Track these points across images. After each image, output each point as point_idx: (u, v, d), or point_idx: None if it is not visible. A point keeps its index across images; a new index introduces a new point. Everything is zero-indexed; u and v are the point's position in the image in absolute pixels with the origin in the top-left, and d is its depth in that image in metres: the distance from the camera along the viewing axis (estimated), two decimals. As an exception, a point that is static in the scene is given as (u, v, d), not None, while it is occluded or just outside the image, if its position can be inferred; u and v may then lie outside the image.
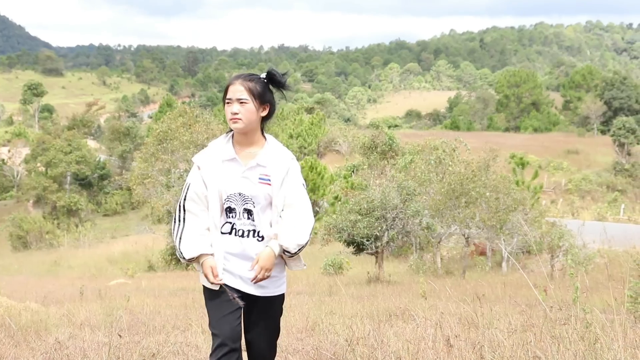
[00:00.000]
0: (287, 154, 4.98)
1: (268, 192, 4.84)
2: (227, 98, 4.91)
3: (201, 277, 4.87)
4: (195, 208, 4.86)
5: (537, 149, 70.19)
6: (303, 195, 4.94)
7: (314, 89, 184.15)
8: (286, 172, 4.90)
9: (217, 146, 5.00)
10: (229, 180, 4.85)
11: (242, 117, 4.83)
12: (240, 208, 4.85)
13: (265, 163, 4.87)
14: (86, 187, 66.39)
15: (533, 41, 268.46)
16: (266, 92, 4.91)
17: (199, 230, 4.86)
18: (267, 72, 4.97)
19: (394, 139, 39.95)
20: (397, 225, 21.03)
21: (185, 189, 4.93)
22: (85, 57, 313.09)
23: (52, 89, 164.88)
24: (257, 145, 4.96)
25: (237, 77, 4.98)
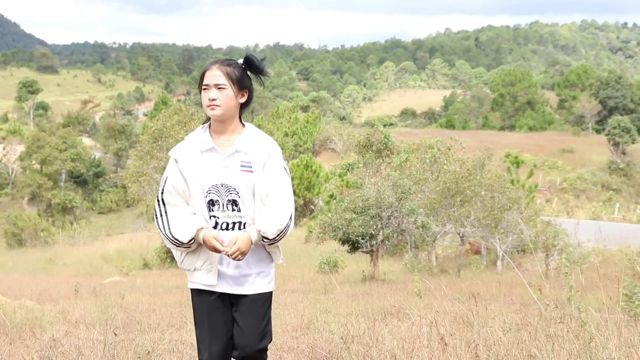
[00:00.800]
0: (267, 139, 4.78)
1: (251, 179, 4.63)
2: (204, 84, 4.69)
3: (190, 280, 4.71)
4: (175, 200, 4.64)
5: (532, 148, 70.25)
6: (284, 180, 4.70)
7: (310, 87, 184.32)
8: (267, 157, 4.68)
9: (194, 137, 4.77)
10: (209, 171, 4.63)
11: (220, 104, 4.63)
12: (224, 199, 4.62)
13: (245, 149, 4.66)
14: (81, 185, 66.34)
15: (528, 40, 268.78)
16: (244, 78, 4.74)
17: (185, 213, 4.63)
18: (245, 57, 4.79)
19: (389, 138, 40.00)
20: (392, 223, 21.05)
21: (163, 182, 4.71)
22: (80, 55, 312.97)
23: (47, 86, 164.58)
24: (236, 133, 4.75)
25: (214, 62, 4.79)
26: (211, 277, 4.64)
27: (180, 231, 4.57)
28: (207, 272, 4.65)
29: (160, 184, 4.71)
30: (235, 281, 4.64)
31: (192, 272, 4.70)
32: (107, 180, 67.75)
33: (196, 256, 4.67)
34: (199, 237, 4.56)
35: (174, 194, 4.62)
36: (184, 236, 4.55)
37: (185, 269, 4.73)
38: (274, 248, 4.73)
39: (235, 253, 4.46)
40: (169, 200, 4.63)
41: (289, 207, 4.68)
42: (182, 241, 4.56)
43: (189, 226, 4.56)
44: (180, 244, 4.59)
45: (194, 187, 4.59)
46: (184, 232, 4.55)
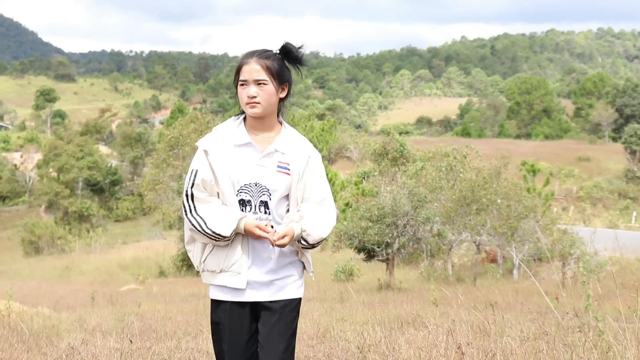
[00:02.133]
0: (306, 142, 4.46)
1: (287, 182, 4.30)
2: (242, 79, 4.31)
3: (212, 284, 4.30)
4: (205, 196, 4.26)
5: (549, 156, 70.04)
6: (325, 189, 4.42)
7: (325, 95, 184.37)
8: (306, 162, 4.37)
9: (227, 129, 4.39)
10: (243, 168, 4.26)
11: (260, 101, 4.27)
12: (257, 200, 4.27)
13: (283, 149, 4.33)
14: (98, 193, 66.56)
15: (544, 48, 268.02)
16: (284, 70, 4.36)
17: (218, 206, 4.25)
18: (282, 47, 4.39)
19: (404, 146, 39.95)
20: (408, 232, 21.02)
21: (191, 176, 4.30)
22: (97, 63, 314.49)
23: (64, 94, 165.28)
24: (274, 131, 4.41)
25: (250, 54, 4.36)
26: (239, 280, 4.26)
27: (220, 225, 4.19)
28: (234, 275, 4.27)
29: (188, 177, 4.33)
30: (263, 286, 4.29)
31: (216, 273, 4.30)
32: (123, 188, 67.97)
33: (224, 255, 4.29)
34: (240, 227, 4.21)
35: (202, 188, 4.25)
36: (226, 229, 4.18)
37: (208, 270, 4.33)
38: (306, 255, 4.44)
39: (281, 241, 4.15)
40: (199, 196, 4.25)
41: (333, 220, 4.43)
42: (225, 235, 4.18)
43: (229, 218, 4.20)
44: (222, 238, 4.20)
45: (225, 184, 4.25)
46: (225, 225, 4.19)
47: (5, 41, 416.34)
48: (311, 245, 4.34)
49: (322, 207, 4.38)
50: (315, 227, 4.30)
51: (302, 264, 4.44)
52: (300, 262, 4.42)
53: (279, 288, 4.31)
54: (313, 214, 4.34)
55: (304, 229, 4.26)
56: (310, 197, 4.38)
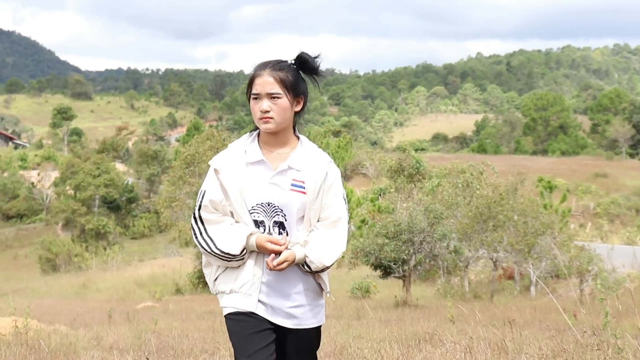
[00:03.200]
0: (324, 157, 4.18)
1: (302, 201, 4.05)
2: (254, 93, 4.10)
3: (223, 305, 4.11)
4: (214, 217, 4.07)
5: (565, 173, 69.80)
6: (341, 210, 4.12)
7: (341, 112, 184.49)
8: (323, 179, 4.08)
9: (239, 147, 4.17)
10: (255, 187, 4.04)
11: (274, 116, 4.05)
12: (270, 221, 4.04)
13: (298, 166, 4.08)
14: (114, 210, 66.72)
15: (560, 64, 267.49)
16: (300, 82, 4.12)
17: (228, 224, 4.06)
18: (298, 56, 4.16)
19: (421, 162, 39.90)
20: (425, 248, 20.98)
21: (200, 197, 4.12)
22: (113, 81, 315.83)
23: (81, 112, 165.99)
24: (289, 146, 4.16)
25: (263, 65, 4.13)
26: (249, 302, 4.04)
27: (229, 243, 4.00)
28: (245, 296, 4.05)
29: (197, 198, 4.16)
30: (281, 315, 4.08)
31: (226, 294, 4.10)
32: (139, 206, 68.08)
33: (234, 276, 4.08)
34: (251, 244, 4.00)
35: (211, 209, 4.07)
36: (235, 247, 3.98)
37: (219, 292, 4.15)
38: (322, 276, 4.19)
39: (282, 264, 3.93)
40: (207, 217, 4.07)
41: (341, 246, 4.13)
42: (234, 253, 3.99)
43: (237, 235, 4.00)
44: (233, 257, 4.01)
45: (238, 203, 4.03)
46: (234, 243, 3.99)
47: (22, 60, 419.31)
48: (314, 272, 4.10)
49: (334, 230, 4.11)
50: (319, 254, 4.05)
51: (320, 287, 4.21)
52: (317, 288, 4.20)
53: (296, 317, 4.11)
54: (320, 239, 4.08)
55: (307, 255, 4.03)
56: (325, 218, 4.12)
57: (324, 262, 4.05)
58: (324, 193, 4.10)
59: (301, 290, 4.13)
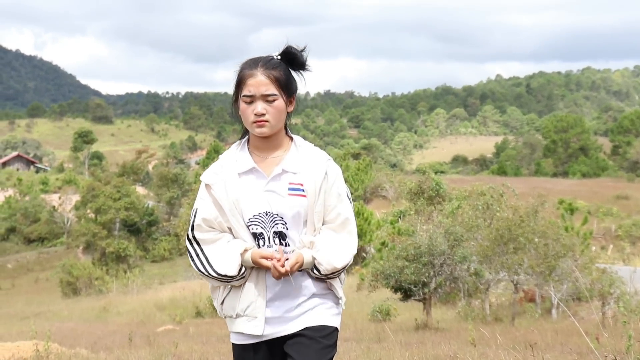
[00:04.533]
0: (321, 155, 3.89)
1: (302, 205, 3.77)
2: (247, 95, 3.78)
3: (231, 330, 3.92)
4: (209, 236, 3.81)
5: (586, 195, 69.48)
6: (347, 211, 3.86)
7: (360, 134, 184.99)
8: (323, 178, 3.79)
9: (230, 157, 3.91)
10: (250, 197, 3.76)
11: (269, 119, 3.76)
12: (269, 232, 3.77)
13: (294, 168, 3.81)
14: (135, 234, 66.90)
15: (580, 86, 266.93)
16: (292, 80, 3.86)
17: (224, 243, 3.79)
18: (285, 52, 3.85)
19: (440, 185, 39.82)
20: (445, 271, 20.91)
21: (192, 216, 3.86)
22: (134, 105, 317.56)
23: (101, 136, 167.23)
24: (282, 149, 3.88)
25: (253, 63, 3.81)
26: (255, 326, 3.80)
27: (224, 264, 3.74)
28: (250, 320, 3.80)
29: (190, 218, 3.88)
30: (287, 321, 3.82)
31: (233, 319, 3.88)
32: (160, 229, 68.26)
33: (238, 297, 3.83)
34: (246, 260, 3.74)
35: (206, 229, 3.80)
36: (231, 268, 3.73)
37: (226, 316, 3.95)
38: (334, 283, 3.90)
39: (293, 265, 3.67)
40: (201, 237, 3.81)
41: (353, 246, 3.85)
42: (232, 274, 3.73)
43: (232, 254, 3.74)
44: (232, 278, 3.76)
45: (233, 217, 3.77)
46: (229, 264, 3.74)
47: (44, 84, 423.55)
48: (323, 276, 3.80)
49: (342, 231, 3.83)
50: (328, 255, 3.75)
51: (333, 293, 3.91)
52: (329, 292, 3.91)
53: (306, 316, 3.82)
54: (328, 240, 3.80)
55: (315, 257, 3.75)
56: (331, 220, 3.83)
57: (333, 263, 3.76)
58: (325, 193, 3.81)
59: (311, 296, 3.85)
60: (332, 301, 3.89)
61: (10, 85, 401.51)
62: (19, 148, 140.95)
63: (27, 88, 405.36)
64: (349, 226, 3.85)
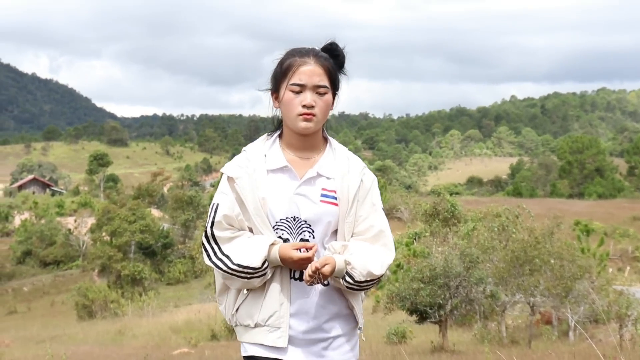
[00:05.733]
0: (357, 162, 3.58)
1: (334, 214, 3.47)
2: (297, 83, 3.46)
3: (245, 341, 3.53)
4: (229, 233, 3.46)
5: (602, 216, 69.20)
6: (381, 222, 3.54)
7: (375, 156, 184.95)
8: (358, 187, 3.49)
9: (258, 151, 3.58)
10: (278, 198, 3.44)
11: (317, 113, 3.44)
12: (296, 239, 3.45)
13: (329, 173, 3.50)
14: (150, 256, 66.96)
15: (595, 107, 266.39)
16: (338, 76, 3.57)
17: (246, 237, 3.46)
18: (330, 48, 3.57)
19: (456, 206, 39.78)
20: (461, 293, 20.84)
21: (212, 212, 3.51)
22: (149, 127, 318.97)
23: (117, 158, 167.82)
24: (317, 150, 3.58)
25: (305, 52, 3.51)
26: (278, 337, 3.44)
27: (247, 255, 3.38)
28: (272, 330, 3.45)
29: (209, 213, 3.54)
30: (310, 347, 3.47)
31: (250, 328, 3.50)
32: (175, 251, 68.33)
33: (259, 304, 3.47)
34: (273, 255, 3.39)
35: (226, 226, 3.47)
36: (256, 259, 3.36)
37: (241, 325, 3.55)
38: (355, 300, 3.56)
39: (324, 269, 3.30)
40: (220, 235, 3.47)
41: (390, 256, 3.54)
42: (255, 266, 3.36)
43: (258, 245, 3.39)
44: (253, 271, 3.38)
45: (258, 218, 3.44)
46: (254, 255, 3.37)
47: (60, 107, 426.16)
48: (358, 284, 3.43)
49: (376, 243, 3.52)
50: (363, 260, 3.42)
51: (353, 316, 3.59)
52: (351, 315, 3.58)
53: (330, 349, 3.51)
54: (362, 246, 3.48)
55: (348, 261, 3.40)
56: (362, 232, 3.52)
57: (369, 268, 3.42)
58: (358, 203, 3.51)
59: (334, 317, 3.54)
60: (353, 326, 3.60)
61: (26, 109, 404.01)
62: (35, 171, 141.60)
63: (43, 111, 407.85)
64: (384, 239, 3.55)
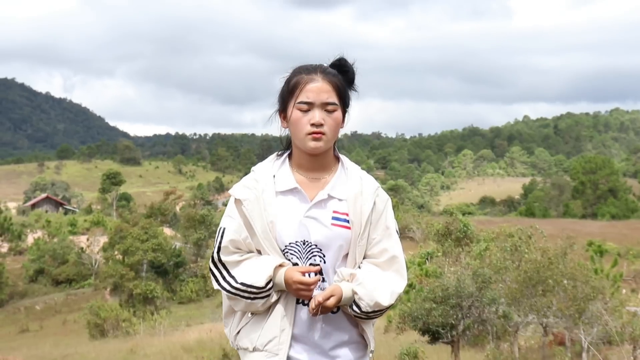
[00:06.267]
0: (371, 182, 3.44)
1: (346, 238, 3.30)
2: (304, 102, 3.31)
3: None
4: (237, 257, 3.33)
5: (616, 237, 68.94)
6: (395, 247, 3.36)
7: (387, 175, 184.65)
8: (371, 209, 3.33)
9: (266, 171, 3.45)
10: (287, 222, 3.30)
11: (327, 131, 3.28)
12: (305, 264, 3.30)
13: (341, 194, 3.35)
14: (162, 275, 66.98)
15: (609, 127, 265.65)
16: (348, 93, 3.41)
17: (254, 258, 3.33)
18: (339, 64, 3.42)
19: (468, 226, 39.67)
20: (473, 313, 20.77)
21: (219, 236, 3.38)
22: (162, 146, 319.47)
23: (129, 177, 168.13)
24: (328, 170, 3.41)
25: (312, 68, 3.35)
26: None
27: (252, 275, 3.25)
28: (270, 356, 3.29)
29: (216, 237, 3.41)
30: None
31: (249, 352, 3.37)
32: (187, 270, 68.31)
33: (259, 328, 3.33)
34: (279, 277, 3.25)
35: (233, 250, 3.34)
36: (260, 278, 3.23)
37: (241, 348, 3.42)
38: (367, 329, 3.42)
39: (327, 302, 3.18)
40: (228, 260, 3.33)
41: (401, 285, 3.37)
42: (259, 285, 3.23)
43: (264, 265, 3.26)
44: (258, 291, 3.25)
45: (267, 241, 3.29)
46: (259, 274, 3.24)
47: (73, 127, 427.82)
48: (365, 314, 3.30)
49: (388, 270, 3.36)
50: (371, 290, 3.27)
51: (364, 341, 3.45)
52: (361, 342, 3.44)
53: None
54: (372, 273, 3.32)
55: (355, 291, 3.27)
56: (374, 255, 3.37)
57: (377, 298, 3.27)
58: (371, 226, 3.35)
59: (342, 344, 3.37)
60: (363, 352, 3.44)
61: (40, 128, 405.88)
62: (48, 190, 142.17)
63: (57, 130, 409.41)
64: (396, 265, 3.37)
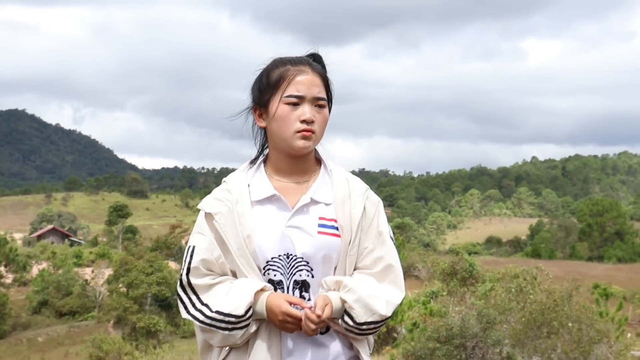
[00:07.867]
0: (359, 184, 3.04)
1: (335, 247, 2.90)
2: (294, 95, 2.89)
3: None
4: (208, 280, 2.87)
5: (622, 280, 68.67)
6: (390, 255, 2.97)
7: (394, 213, 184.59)
8: (362, 214, 2.94)
9: (240, 180, 3.02)
10: (267, 234, 2.87)
11: (316, 129, 2.93)
12: (289, 280, 2.89)
13: (326, 198, 2.95)
14: (165, 309, 66.81)
15: (617, 170, 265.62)
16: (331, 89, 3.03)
17: (229, 282, 2.88)
18: (316, 55, 3.06)
19: (474, 266, 39.56)
20: (477, 354, 20.63)
21: (187, 256, 2.93)
22: (169, 180, 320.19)
23: (136, 210, 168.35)
24: (310, 173, 3.03)
25: (298, 60, 2.98)
26: None
27: (229, 302, 2.81)
28: None
29: (184, 258, 2.95)
30: None
31: None
32: (191, 304, 68.16)
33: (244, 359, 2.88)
34: (260, 304, 2.81)
35: (204, 271, 2.89)
36: (239, 305, 2.78)
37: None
38: (362, 347, 2.95)
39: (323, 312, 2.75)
40: (198, 283, 2.87)
41: (400, 297, 2.93)
42: (238, 314, 2.78)
43: (242, 290, 2.81)
44: (236, 320, 2.80)
45: (243, 260, 2.86)
46: (237, 300, 2.79)
47: (82, 158, 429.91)
48: (358, 327, 2.85)
49: (383, 281, 2.94)
50: (362, 295, 2.84)
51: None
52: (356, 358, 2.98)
53: None
54: (363, 280, 2.91)
55: (344, 299, 2.84)
56: (367, 266, 2.96)
57: (370, 305, 2.85)
58: (363, 233, 2.95)
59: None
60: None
61: (48, 159, 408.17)
62: (55, 221, 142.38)
63: (65, 162, 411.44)
64: (392, 274, 2.97)
